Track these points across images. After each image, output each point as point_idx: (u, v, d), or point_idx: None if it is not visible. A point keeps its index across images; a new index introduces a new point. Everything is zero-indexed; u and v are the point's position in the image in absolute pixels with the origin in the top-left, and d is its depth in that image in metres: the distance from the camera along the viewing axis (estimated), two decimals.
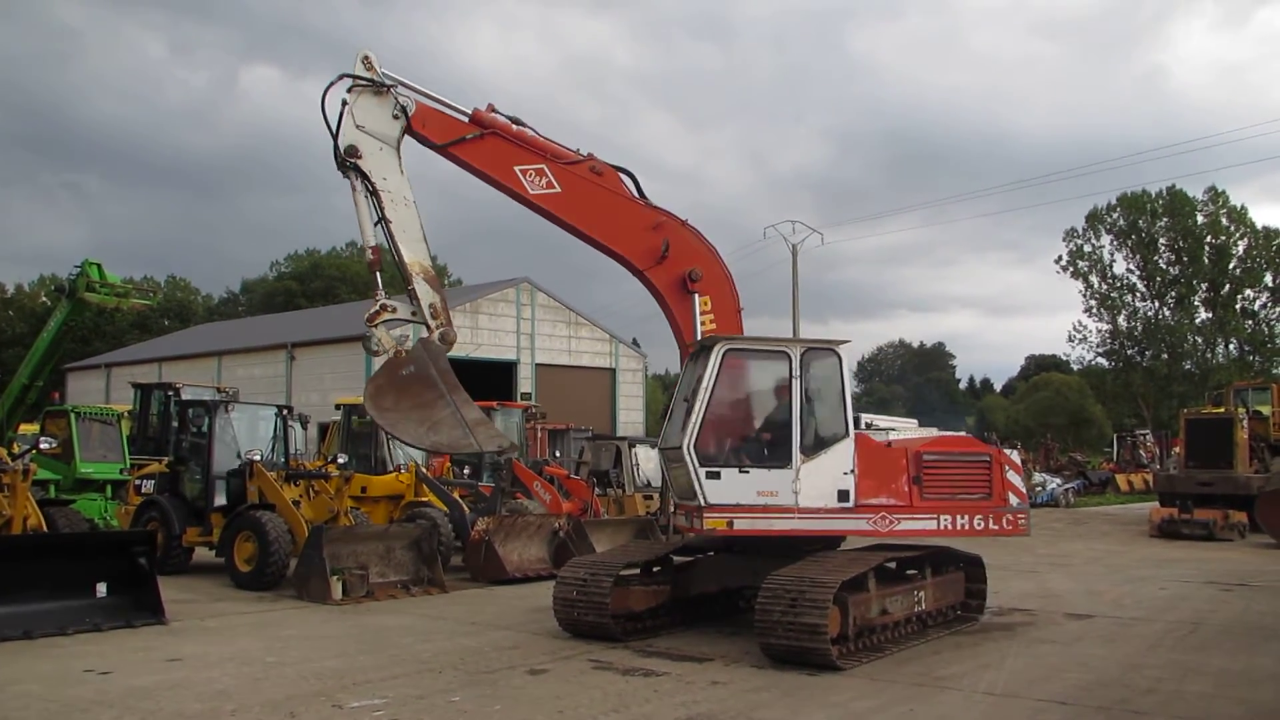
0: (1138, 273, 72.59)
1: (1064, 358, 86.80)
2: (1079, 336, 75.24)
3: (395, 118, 11.23)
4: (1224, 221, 70.75)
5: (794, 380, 10.69)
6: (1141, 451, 50.07)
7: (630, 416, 49.77)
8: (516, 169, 11.40)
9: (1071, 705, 8.28)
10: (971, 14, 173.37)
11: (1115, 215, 72.54)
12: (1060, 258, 74.52)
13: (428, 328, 11.46)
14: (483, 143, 11.34)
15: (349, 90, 11.12)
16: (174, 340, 62.87)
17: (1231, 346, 71.28)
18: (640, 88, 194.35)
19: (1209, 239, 70.67)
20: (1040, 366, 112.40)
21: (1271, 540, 22.44)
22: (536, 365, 46.01)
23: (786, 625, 9.50)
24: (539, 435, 29.53)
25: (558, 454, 28.82)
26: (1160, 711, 8.11)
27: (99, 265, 24.27)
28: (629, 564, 11.48)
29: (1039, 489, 37.69)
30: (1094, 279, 73.61)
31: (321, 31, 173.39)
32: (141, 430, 24.27)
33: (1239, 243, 70.55)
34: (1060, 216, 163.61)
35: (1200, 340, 71.22)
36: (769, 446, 10.93)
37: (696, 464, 10.43)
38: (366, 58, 11.01)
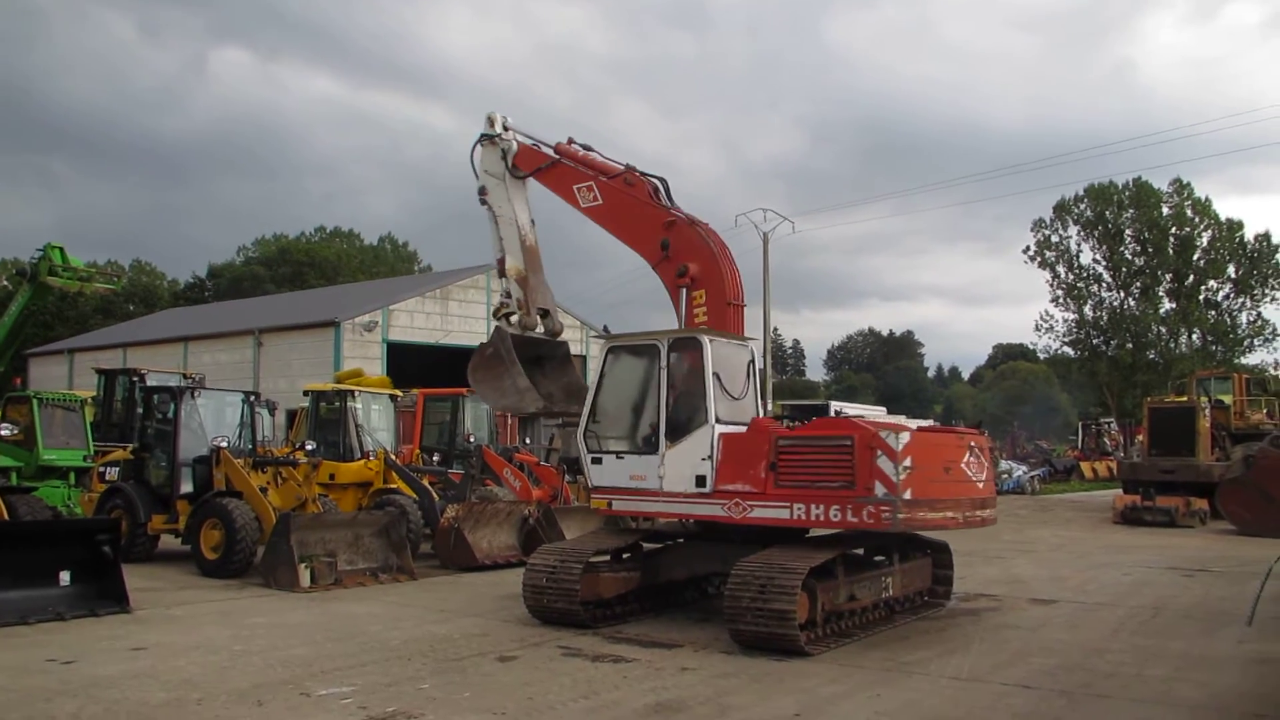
0: (1104, 263, 73.29)
1: (1031, 347, 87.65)
2: (1046, 326, 75.84)
3: (503, 159, 13.71)
4: (1188, 213, 71.53)
5: (660, 371, 11.20)
6: (1106, 439, 50.78)
7: None
8: (575, 187, 13.11)
9: (1035, 689, 8.39)
10: (945, 5, 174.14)
11: (1082, 206, 73.16)
12: (1028, 248, 75.13)
13: (506, 318, 13.56)
14: (553, 169, 13.40)
15: (476, 143, 13.87)
16: (139, 325, 62.07)
17: (1195, 337, 72.15)
18: (614, 74, 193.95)
19: (1174, 230, 71.44)
20: (1008, 355, 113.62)
21: (1231, 527, 22.81)
22: None
23: (755, 611, 9.55)
24: (509, 422, 29.47)
25: (528, 441, 28.81)
26: (1122, 695, 8.23)
27: (61, 249, 23.87)
28: (599, 551, 11.49)
29: (1005, 476, 38.12)
30: (1061, 269, 74.25)
31: (293, 14, 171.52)
32: (105, 417, 23.97)
33: (1203, 234, 71.36)
34: (1029, 207, 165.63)
35: (1164, 330, 72.03)
36: (641, 435, 11.52)
37: (584, 451, 11.67)
38: (490, 117, 13.74)
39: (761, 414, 11.81)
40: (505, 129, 13.63)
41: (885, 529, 10.02)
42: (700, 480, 10.84)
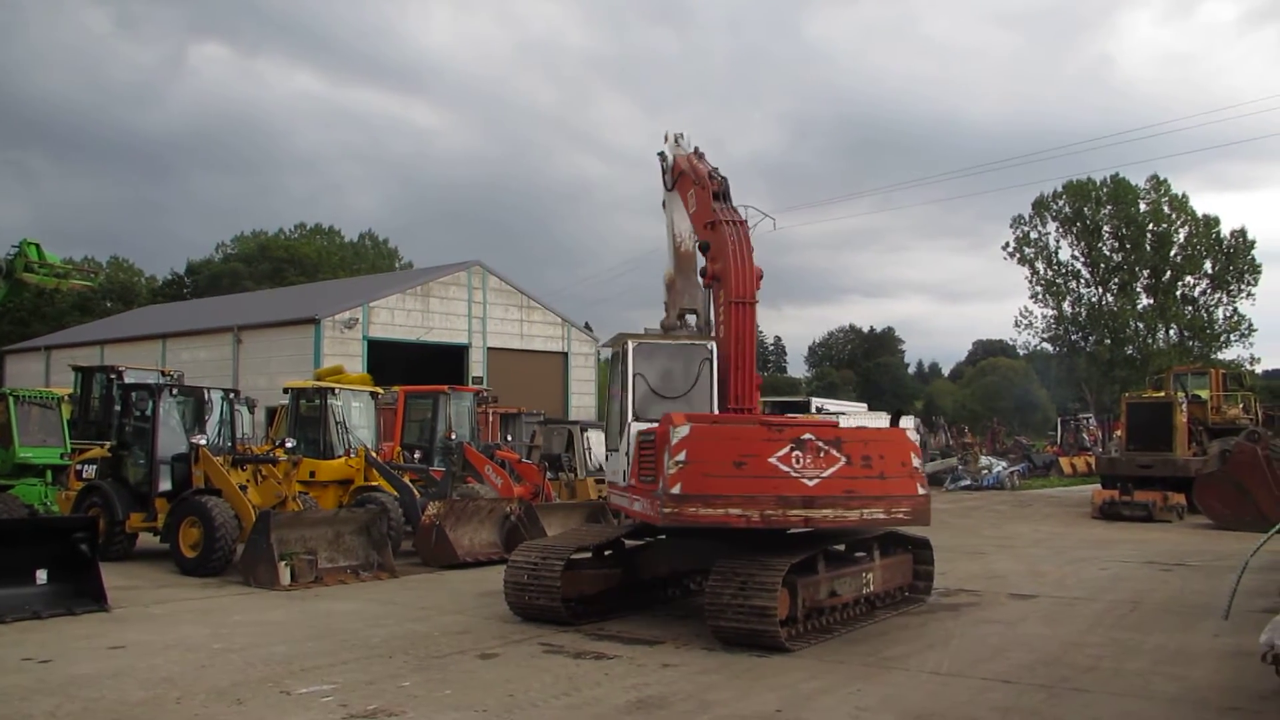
0: (1082, 259, 73.82)
1: (1010, 343, 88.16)
2: (1025, 322, 76.40)
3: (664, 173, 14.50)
4: (1165, 210, 72.11)
5: (618, 375, 11.91)
6: (1084, 435, 51.12)
7: (582, 400, 49.70)
8: (687, 194, 13.59)
9: (1015, 684, 8.44)
10: (925, 1, 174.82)
11: (1061, 203, 73.66)
12: (1008, 244, 75.60)
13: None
14: (680, 179, 13.84)
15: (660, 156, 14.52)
16: (116, 322, 61.54)
17: (1172, 332, 72.77)
18: (596, 70, 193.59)
19: (1151, 227, 71.99)
20: (987, 351, 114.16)
21: (1208, 521, 23.01)
22: (488, 349, 45.74)
23: (736, 608, 9.57)
24: (490, 419, 29.40)
25: (509, 438, 28.72)
26: (1100, 689, 8.29)
27: (38, 245, 23.61)
28: (580, 548, 11.49)
29: (985, 472, 38.33)
30: (1040, 265, 74.74)
31: (274, 9, 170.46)
32: (83, 414, 23.77)
33: (1180, 230, 71.96)
34: (1009, 203, 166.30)
35: (1142, 326, 72.62)
36: (611, 433, 12.24)
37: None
38: (665, 134, 14.50)
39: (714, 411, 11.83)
40: (677, 143, 14.18)
41: (656, 523, 10.30)
42: (625, 475, 11.49)
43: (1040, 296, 74.77)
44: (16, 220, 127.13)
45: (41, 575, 11.47)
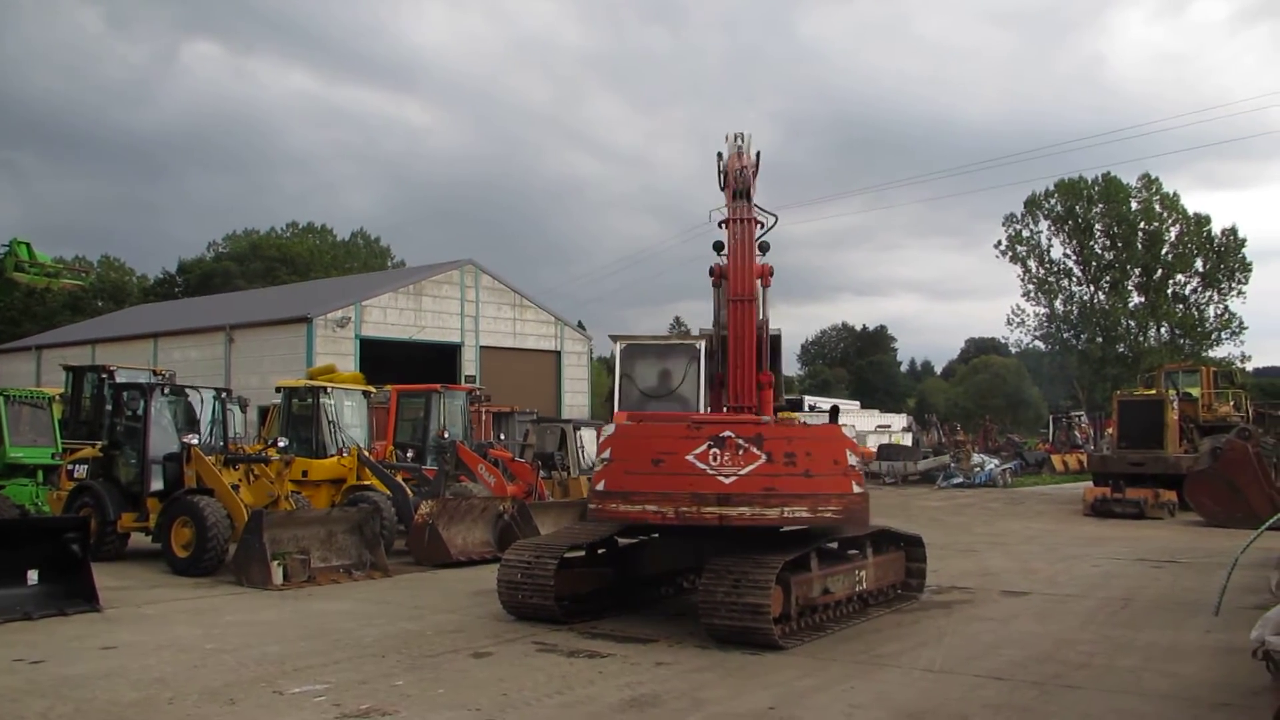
0: (1074, 258, 74.11)
1: (1003, 341, 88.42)
2: (1017, 320, 76.70)
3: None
4: (1156, 208, 72.39)
5: (614, 372, 12.09)
6: (1076, 433, 51.21)
7: (575, 399, 49.68)
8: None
9: (1007, 680, 8.47)
10: (918, 0, 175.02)
11: (1053, 201, 73.91)
12: (1000, 243, 75.83)
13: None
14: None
15: None
16: (108, 322, 61.35)
17: (1163, 330, 73.05)
18: (590, 69, 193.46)
19: (1142, 225, 72.26)
20: (980, 349, 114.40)
21: (1199, 518, 23.10)
22: (481, 348, 45.68)
23: (730, 606, 9.58)
24: (483, 418, 29.39)
25: (502, 437, 28.64)
26: (1092, 685, 8.32)
27: (28, 244, 23.57)
28: (574, 547, 11.49)
29: (977, 469, 38.40)
30: (1032, 264, 75.05)
31: (266, 7, 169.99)
32: (74, 414, 23.67)
33: (1171, 229, 72.25)
34: (1002, 202, 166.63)
35: (1133, 324, 72.92)
36: None
37: None
38: (727, 136, 13.31)
39: (701, 409, 11.79)
40: (738, 144, 13.30)
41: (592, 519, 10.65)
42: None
43: (1032, 295, 75.11)
44: (7, 219, 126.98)
45: (33, 576, 11.42)
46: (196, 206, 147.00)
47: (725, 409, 11.43)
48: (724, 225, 12.35)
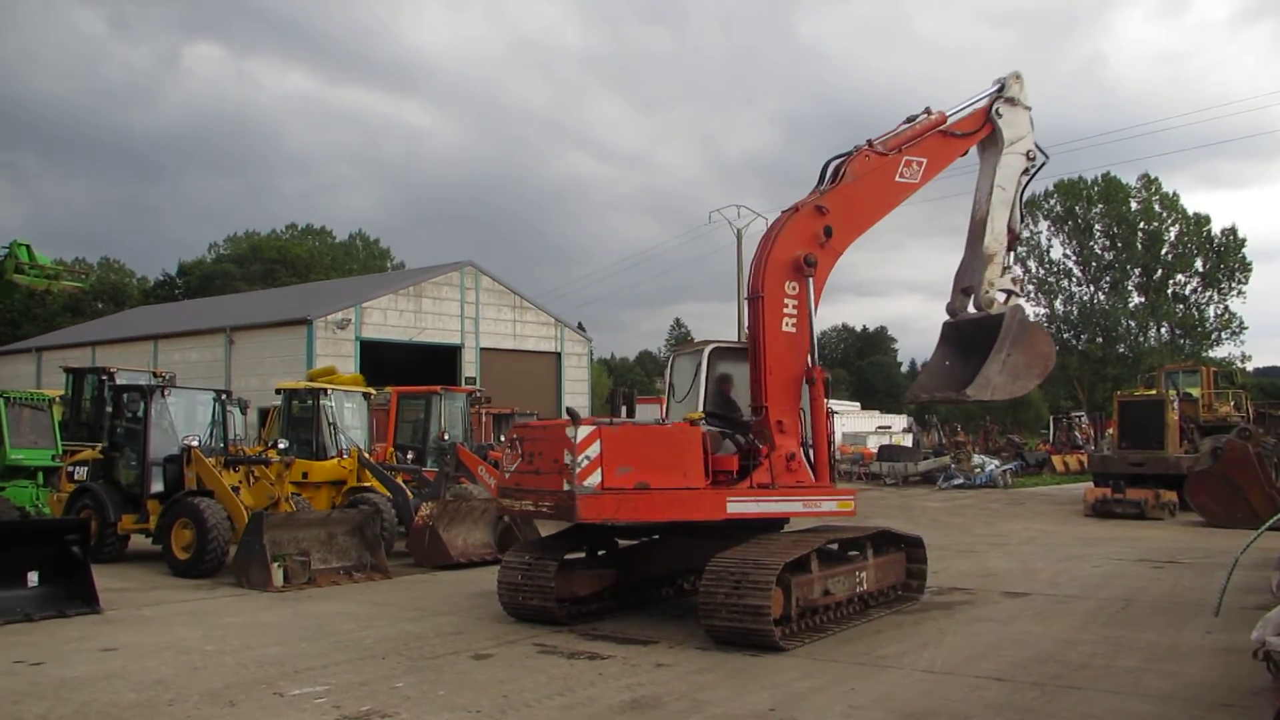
0: (1074, 258, 74.10)
1: None
2: None
3: None
4: (1156, 208, 72.41)
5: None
6: (1077, 433, 51.18)
7: (575, 400, 49.63)
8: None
9: (1008, 681, 8.46)
10: (917, 0, 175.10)
11: (1052, 201, 73.89)
12: None
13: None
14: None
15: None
16: (108, 324, 61.32)
17: (1163, 330, 73.05)
18: (590, 70, 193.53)
19: (1142, 225, 72.26)
20: None
21: (1200, 519, 23.08)
22: (481, 349, 45.68)
23: (730, 607, 9.58)
24: (484, 420, 29.40)
25: (502, 438, 28.67)
26: (1093, 686, 8.31)
27: (28, 246, 23.52)
28: (574, 548, 11.48)
29: (978, 470, 38.35)
30: (1032, 264, 75.01)
31: (267, 9, 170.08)
32: (74, 416, 23.68)
33: (1170, 229, 72.26)
34: None
35: (1133, 324, 72.91)
36: None
37: None
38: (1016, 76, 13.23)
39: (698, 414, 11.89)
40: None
41: None
42: None
43: (1032, 295, 75.02)
44: (9, 221, 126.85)
45: (33, 577, 11.42)
46: (197, 208, 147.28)
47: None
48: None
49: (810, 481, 11.23)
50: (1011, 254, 13.13)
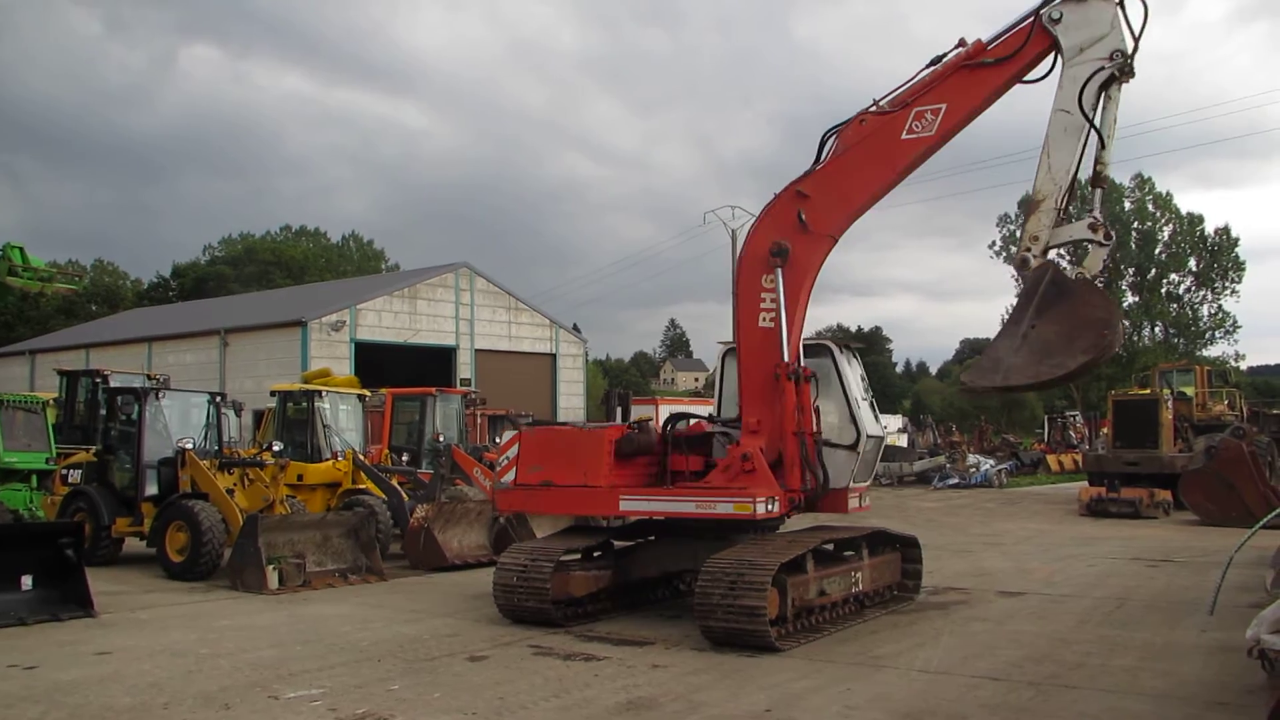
0: (1068, 257, 74.17)
1: None
2: None
3: None
4: (1150, 208, 72.59)
5: None
6: (1071, 432, 51.29)
7: (571, 402, 49.68)
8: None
9: (1003, 681, 8.47)
10: (913, 0, 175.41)
11: None
12: (994, 243, 75.96)
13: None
14: None
15: None
16: (102, 326, 61.26)
17: (1157, 329, 73.21)
18: (587, 71, 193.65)
19: (1136, 225, 72.44)
20: (975, 350, 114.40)
21: (1195, 517, 23.13)
22: (476, 351, 45.68)
23: (726, 608, 9.57)
24: (479, 421, 29.40)
25: (498, 440, 28.67)
26: (1088, 685, 8.32)
27: (21, 248, 23.47)
28: (570, 549, 11.46)
29: (973, 470, 38.42)
30: None
31: (264, 11, 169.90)
32: (68, 419, 23.61)
33: (1164, 228, 72.44)
34: (997, 202, 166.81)
35: (1127, 323, 73.01)
36: None
37: None
38: None
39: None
40: None
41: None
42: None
43: None
44: (4, 222, 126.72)
45: (27, 581, 11.38)
46: (192, 210, 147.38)
47: None
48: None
49: (766, 481, 10.61)
50: (1099, 192, 9.76)
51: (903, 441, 50.56)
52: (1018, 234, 74.76)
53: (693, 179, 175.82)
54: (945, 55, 10.62)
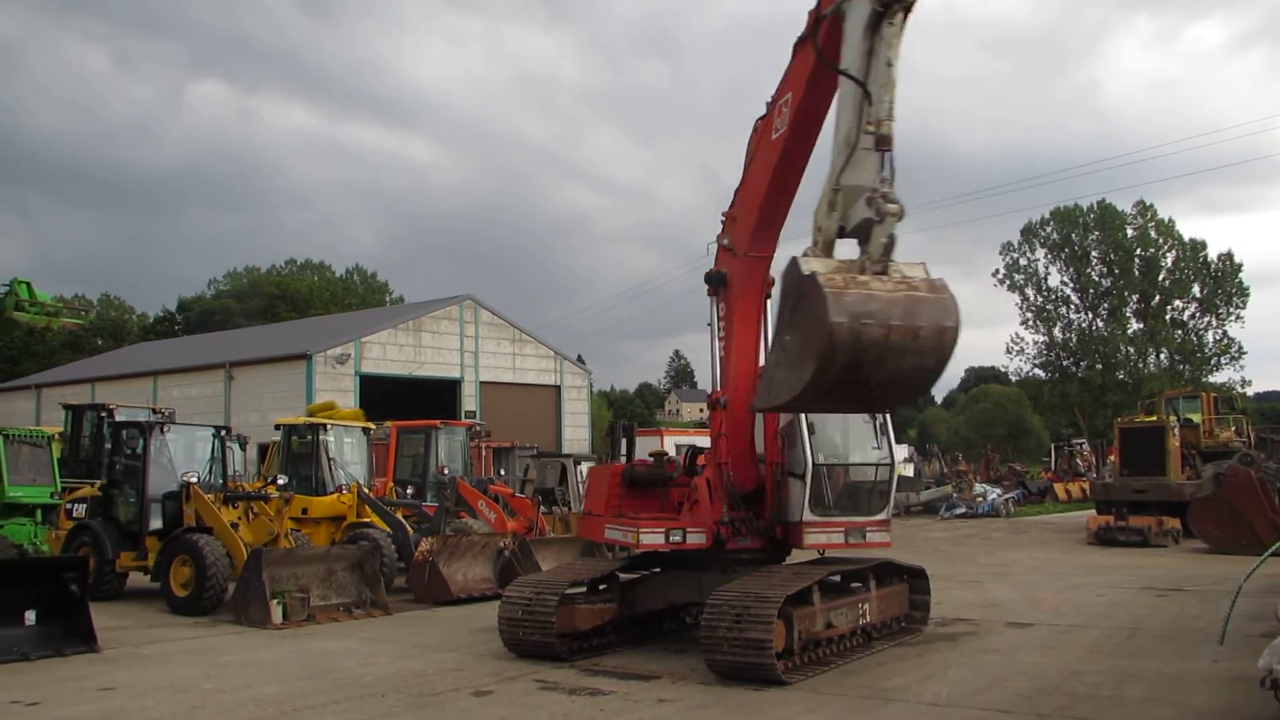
0: (1071, 285, 74.20)
1: (1003, 370, 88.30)
2: (1017, 348, 76.62)
3: None
4: (1152, 234, 72.61)
5: None
6: (1078, 460, 51.08)
7: (575, 434, 49.56)
8: None
9: (1013, 713, 8.38)
10: (913, 30, 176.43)
11: (1049, 229, 74.09)
12: (998, 271, 75.96)
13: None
14: None
15: None
16: (107, 360, 61.36)
17: (1162, 356, 73.01)
18: (590, 104, 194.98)
19: (1139, 251, 72.44)
20: (980, 379, 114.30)
21: (1204, 545, 22.98)
22: (480, 383, 45.65)
23: (732, 641, 9.50)
24: (483, 454, 29.30)
25: (502, 472, 28.60)
26: (1099, 717, 8.24)
27: (28, 283, 23.55)
28: (575, 582, 11.42)
29: (980, 499, 38.23)
30: (1030, 291, 75.11)
31: (269, 47, 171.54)
32: (73, 453, 23.62)
33: (1167, 255, 72.42)
34: (1001, 230, 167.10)
35: (1132, 350, 72.89)
36: None
37: None
38: None
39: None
40: None
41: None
42: None
43: (1031, 323, 75.14)
44: (13, 257, 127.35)
45: (30, 616, 11.35)
46: (198, 244, 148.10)
47: None
48: None
49: (703, 511, 11.03)
50: (880, 156, 7.70)
51: (909, 471, 50.39)
52: (1021, 261, 75.01)
53: (696, 209, 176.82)
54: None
